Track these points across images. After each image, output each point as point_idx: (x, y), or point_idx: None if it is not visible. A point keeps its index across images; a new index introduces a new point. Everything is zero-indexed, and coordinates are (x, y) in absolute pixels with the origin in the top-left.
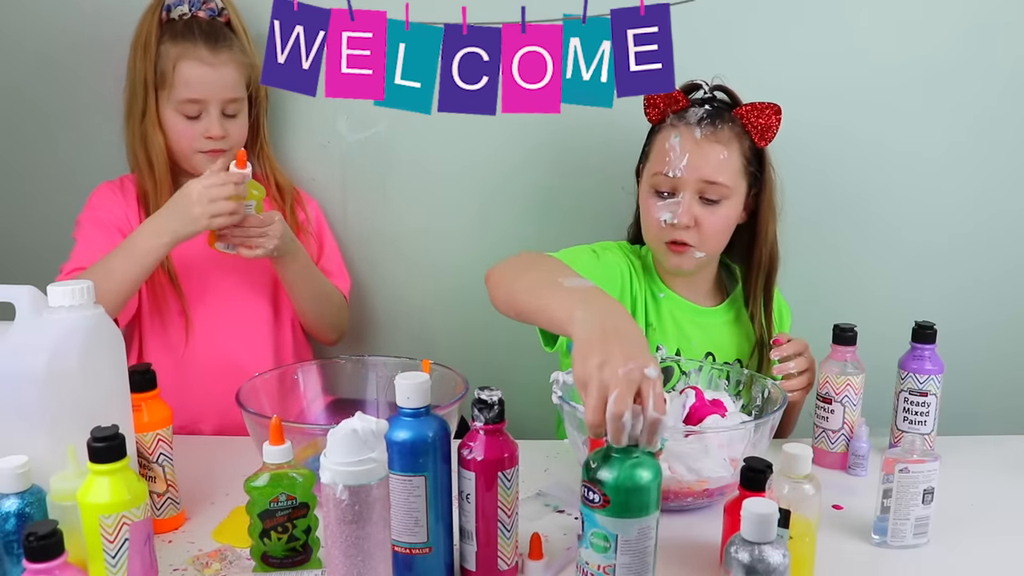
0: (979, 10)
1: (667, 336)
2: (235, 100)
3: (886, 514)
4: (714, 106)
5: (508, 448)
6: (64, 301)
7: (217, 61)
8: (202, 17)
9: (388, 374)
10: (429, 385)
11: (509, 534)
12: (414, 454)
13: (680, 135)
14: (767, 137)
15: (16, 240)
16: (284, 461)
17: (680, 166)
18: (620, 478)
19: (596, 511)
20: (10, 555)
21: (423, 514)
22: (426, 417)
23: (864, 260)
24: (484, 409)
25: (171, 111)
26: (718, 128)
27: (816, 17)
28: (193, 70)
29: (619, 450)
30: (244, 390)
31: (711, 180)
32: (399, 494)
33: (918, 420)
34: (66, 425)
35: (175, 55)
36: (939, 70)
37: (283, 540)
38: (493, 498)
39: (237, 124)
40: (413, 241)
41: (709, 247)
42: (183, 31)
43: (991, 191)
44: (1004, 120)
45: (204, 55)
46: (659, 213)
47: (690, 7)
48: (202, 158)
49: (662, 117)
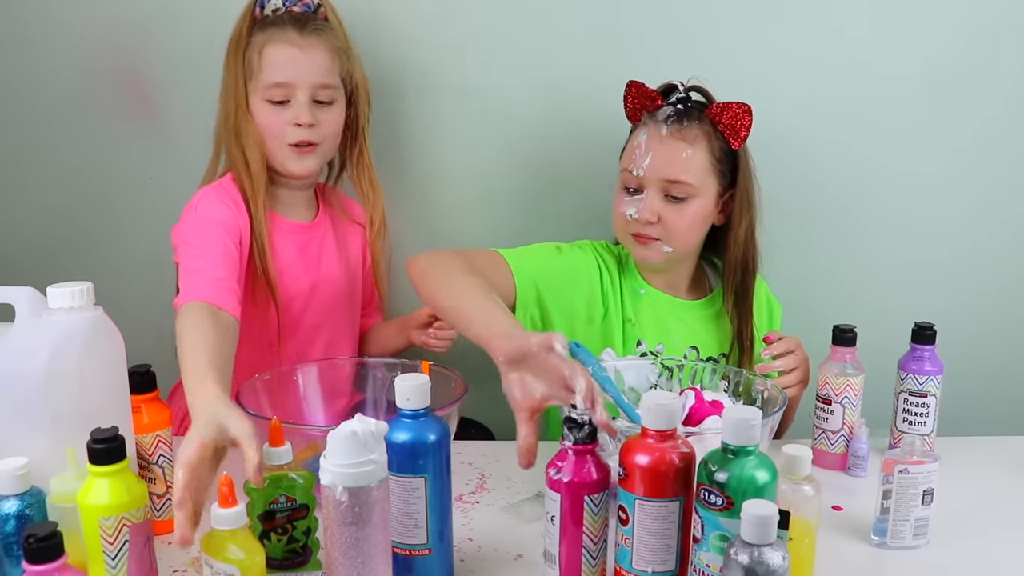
0: (984, 14)
1: (648, 331)
2: (327, 87)
3: (886, 515)
4: (687, 105)
5: (599, 471)
6: (64, 303)
7: (306, 43)
8: (295, 11)
9: (387, 375)
10: (429, 387)
11: (595, 561)
12: (414, 455)
13: (648, 133)
14: (740, 137)
15: (16, 240)
16: (284, 463)
17: (643, 164)
18: (742, 479)
19: (718, 514)
20: (10, 557)
21: (423, 516)
22: (426, 419)
23: (864, 262)
24: (574, 428)
25: (259, 101)
26: (685, 126)
27: (816, 25)
28: (280, 52)
29: (735, 451)
30: (244, 391)
31: (672, 179)
32: (399, 496)
33: (918, 421)
34: (66, 427)
35: (261, 41)
36: (941, 77)
37: (283, 542)
38: (578, 522)
39: (330, 114)
40: (412, 242)
41: (676, 243)
42: (273, 22)
43: (995, 198)
44: (1008, 127)
45: (292, 37)
46: (624, 207)
47: (687, 13)
48: (291, 153)
49: (640, 116)
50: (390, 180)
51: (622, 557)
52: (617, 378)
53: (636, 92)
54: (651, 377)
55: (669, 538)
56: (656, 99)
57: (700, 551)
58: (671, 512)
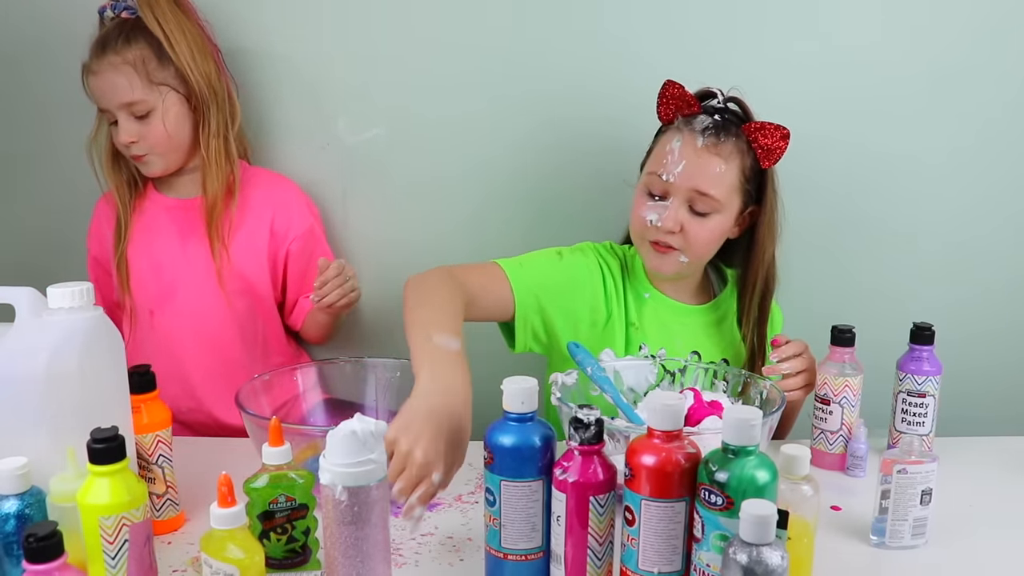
0: (989, 15)
1: (651, 335)
2: (131, 103)
3: (884, 515)
4: (724, 117)
5: (604, 472)
6: (64, 303)
7: (100, 68)
8: (125, 17)
9: (387, 376)
10: (537, 389)
11: (600, 562)
12: (532, 459)
13: (682, 140)
14: (772, 159)
15: (17, 240)
16: (283, 462)
17: (675, 171)
18: (742, 479)
19: (719, 513)
20: (10, 556)
21: (539, 519)
22: (533, 422)
23: (864, 262)
24: (580, 429)
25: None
26: (721, 140)
27: (824, 26)
28: (91, 82)
29: (736, 451)
30: (243, 391)
31: (702, 191)
32: (516, 501)
33: (916, 421)
34: (66, 426)
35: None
36: (945, 77)
37: (282, 541)
38: (584, 523)
39: (149, 125)
40: (413, 243)
41: (693, 254)
42: (92, 45)
43: (996, 198)
44: (1010, 128)
45: (92, 65)
46: (646, 212)
47: (691, 12)
48: (135, 162)
49: (673, 118)
50: (391, 182)
51: (628, 558)
52: (616, 378)
53: (674, 93)
54: (650, 378)
55: (675, 538)
56: (693, 104)
57: (700, 551)
58: (677, 513)
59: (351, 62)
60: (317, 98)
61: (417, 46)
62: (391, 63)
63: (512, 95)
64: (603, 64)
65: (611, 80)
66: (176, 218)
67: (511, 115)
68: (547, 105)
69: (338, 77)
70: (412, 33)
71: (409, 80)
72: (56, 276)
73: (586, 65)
